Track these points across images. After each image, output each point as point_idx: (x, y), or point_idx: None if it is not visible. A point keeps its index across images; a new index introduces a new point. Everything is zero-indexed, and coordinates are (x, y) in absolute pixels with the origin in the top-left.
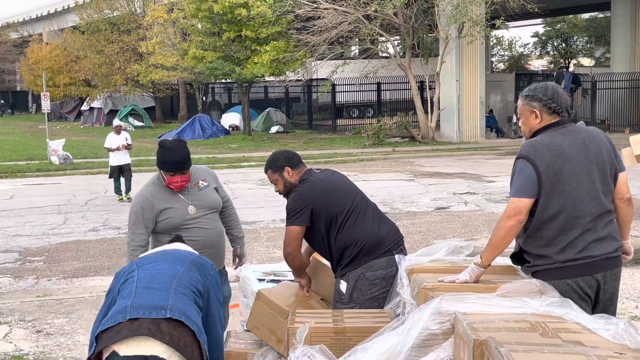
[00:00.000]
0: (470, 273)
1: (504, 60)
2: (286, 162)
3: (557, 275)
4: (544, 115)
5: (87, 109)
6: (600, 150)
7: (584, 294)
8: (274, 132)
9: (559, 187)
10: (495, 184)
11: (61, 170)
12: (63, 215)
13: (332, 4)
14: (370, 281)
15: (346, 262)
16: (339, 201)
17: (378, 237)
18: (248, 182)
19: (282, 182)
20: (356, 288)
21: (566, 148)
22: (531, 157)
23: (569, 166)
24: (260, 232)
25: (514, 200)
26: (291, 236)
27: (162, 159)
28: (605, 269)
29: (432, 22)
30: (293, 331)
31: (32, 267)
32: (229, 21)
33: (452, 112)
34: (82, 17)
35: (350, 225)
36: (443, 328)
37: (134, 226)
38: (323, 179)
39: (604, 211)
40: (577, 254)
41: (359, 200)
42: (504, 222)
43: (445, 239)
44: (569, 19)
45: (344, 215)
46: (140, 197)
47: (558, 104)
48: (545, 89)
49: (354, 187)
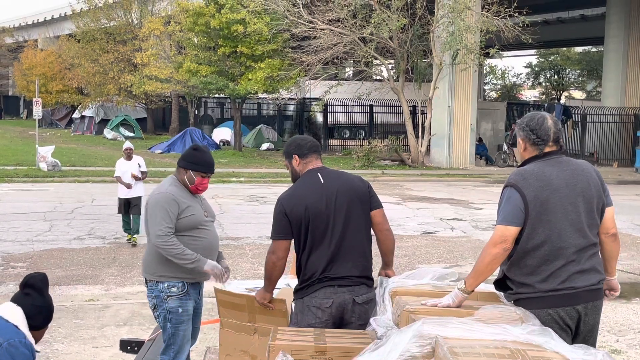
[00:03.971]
0: (453, 298)
1: (496, 89)
2: (295, 150)
3: (539, 305)
4: (527, 145)
5: (79, 117)
6: (588, 184)
7: (564, 325)
8: (264, 149)
9: (545, 217)
10: (483, 211)
11: (49, 177)
12: (48, 222)
13: (328, 24)
14: (308, 306)
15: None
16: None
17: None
18: (236, 198)
19: (290, 169)
20: (299, 311)
21: (554, 179)
22: (519, 185)
23: (555, 197)
24: (245, 249)
25: (500, 228)
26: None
27: (198, 160)
28: (586, 300)
29: (427, 48)
30: (274, 348)
31: (14, 273)
32: (225, 36)
33: (442, 138)
34: (79, 25)
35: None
36: (424, 351)
37: (163, 220)
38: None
39: (588, 244)
40: (559, 285)
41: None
42: (489, 249)
43: (430, 263)
44: (562, 52)
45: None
46: (165, 193)
47: (538, 135)
48: (531, 119)
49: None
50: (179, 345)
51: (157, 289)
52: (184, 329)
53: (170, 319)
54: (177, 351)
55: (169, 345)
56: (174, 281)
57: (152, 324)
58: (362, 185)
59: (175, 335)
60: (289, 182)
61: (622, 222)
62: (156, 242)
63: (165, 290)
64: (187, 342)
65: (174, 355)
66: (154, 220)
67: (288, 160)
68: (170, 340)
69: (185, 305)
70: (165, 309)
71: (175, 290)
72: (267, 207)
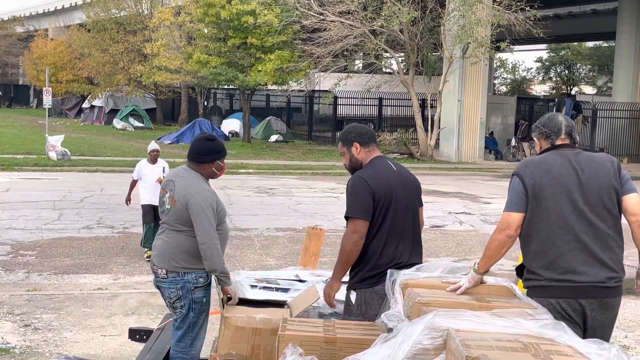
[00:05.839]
0: (469, 279)
1: (506, 83)
2: (357, 138)
3: (543, 293)
4: (541, 141)
5: (88, 106)
6: (596, 174)
7: (567, 315)
8: (273, 141)
9: (544, 202)
10: (491, 205)
11: (58, 166)
12: (58, 211)
13: (338, 17)
14: (379, 295)
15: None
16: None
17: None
18: (245, 189)
19: (348, 157)
20: (365, 301)
21: (556, 166)
22: (520, 172)
23: (555, 183)
24: (254, 240)
25: (504, 215)
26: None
27: (219, 148)
28: (592, 296)
29: (437, 41)
30: (284, 338)
31: (23, 261)
32: (235, 28)
33: (452, 132)
34: (89, 15)
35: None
36: (435, 343)
37: (213, 221)
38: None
39: (596, 235)
40: (560, 274)
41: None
42: (494, 235)
43: (438, 257)
44: (573, 46)
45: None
46: (209, 192)
47: (549, 128)
48: (542, 118)
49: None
50: (196, 333)
51: (184, 280)
52: (204, 318)
53: (194, 308)
54: (193, 338)
55: (187, 334)
56: (201, 272)
57: (160, 313)
58: (417, 180)
59: (196, 324)
60: (297, 174)
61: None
62: (209, 243)
63: (192, 281)
64: (203, 330)
65: (190, 342)
66: (207, 221)
67: (347, 147)
68: (189, 328)
69: (208, 295)
70: (191, 299)
71: (202, 280)
72: (276, 198)
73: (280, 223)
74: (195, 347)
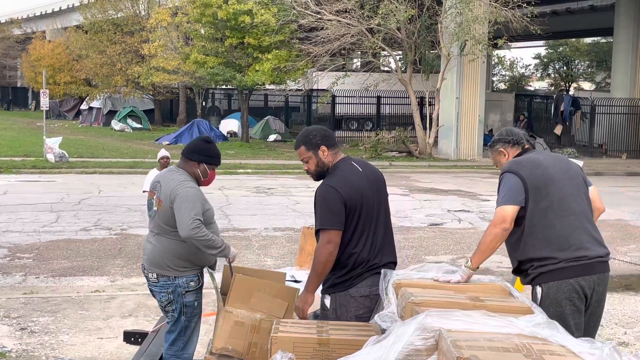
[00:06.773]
0: (461, 274)
1: (504, 80)
2: (323, 141)
3: (562, 275)
4: (508, 150)
5: (87, 108)
6: (569, 165)
7: (583, 294)
8: (271, 141)
9: (545, 189)
10: (490, 202)
11: (56, 168)
12: (55, 213)
13: (335, 15)
14: (354, 298)
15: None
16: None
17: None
18: (243, 189)
19: (315, 161)
20: (340, 304)
21: (543, 160)
22: (514, 169)
23: (548, 173)
24: (252, 240)
25: (498, 210)
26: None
27: (211, 153)
28: (599, 271)
29: (435, 39)
30: (276, 340)
31: (20, 264)
32: (232, 28)
33: (450, 129)
34: (86, 16)
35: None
36: (427, 344)
37: (198, 211)
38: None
39: (589, 214)
40: (575, 252)
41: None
42: (489, 229)
43: (437, 255)
44: (571, 43)
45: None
46: (194, 188)
47: (513, 136)
48: (501, 132)
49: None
50: (188, 336)
51: (175, 284)
52: (196, 321)
53: (186, 312)
54: (186, 342)
55: (179, 337)
56: (192, 275)
57: (157, 315)
58: (381, 174)
59: (188, 328)
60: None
61: (630, 214)
62: (191, 233)
63: (183, 285)
64: (196, 334)
65: (183, 345)
66: (188, 212)
67: (313, 151)
68: (182, 332)
69: (200, 298)
70: (182, 304)
71: (193, 284)
72: (274, 198)
73: (279, 223)
74: (188, 350)
